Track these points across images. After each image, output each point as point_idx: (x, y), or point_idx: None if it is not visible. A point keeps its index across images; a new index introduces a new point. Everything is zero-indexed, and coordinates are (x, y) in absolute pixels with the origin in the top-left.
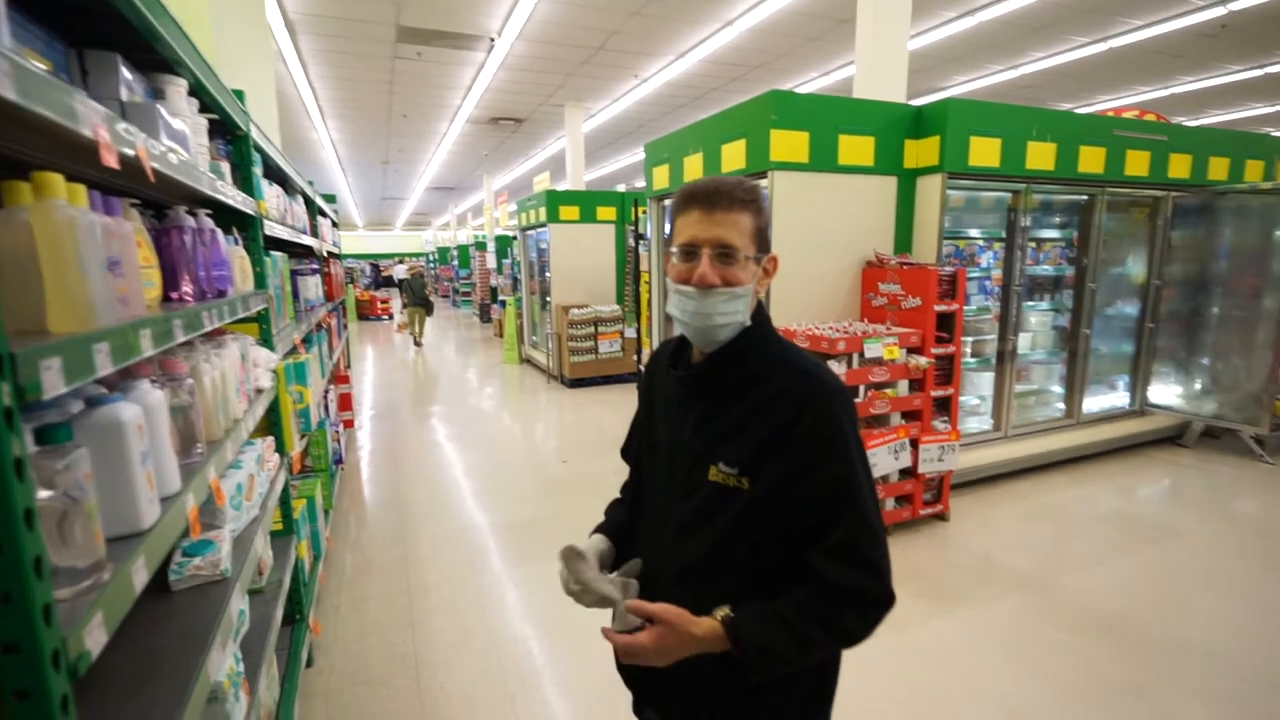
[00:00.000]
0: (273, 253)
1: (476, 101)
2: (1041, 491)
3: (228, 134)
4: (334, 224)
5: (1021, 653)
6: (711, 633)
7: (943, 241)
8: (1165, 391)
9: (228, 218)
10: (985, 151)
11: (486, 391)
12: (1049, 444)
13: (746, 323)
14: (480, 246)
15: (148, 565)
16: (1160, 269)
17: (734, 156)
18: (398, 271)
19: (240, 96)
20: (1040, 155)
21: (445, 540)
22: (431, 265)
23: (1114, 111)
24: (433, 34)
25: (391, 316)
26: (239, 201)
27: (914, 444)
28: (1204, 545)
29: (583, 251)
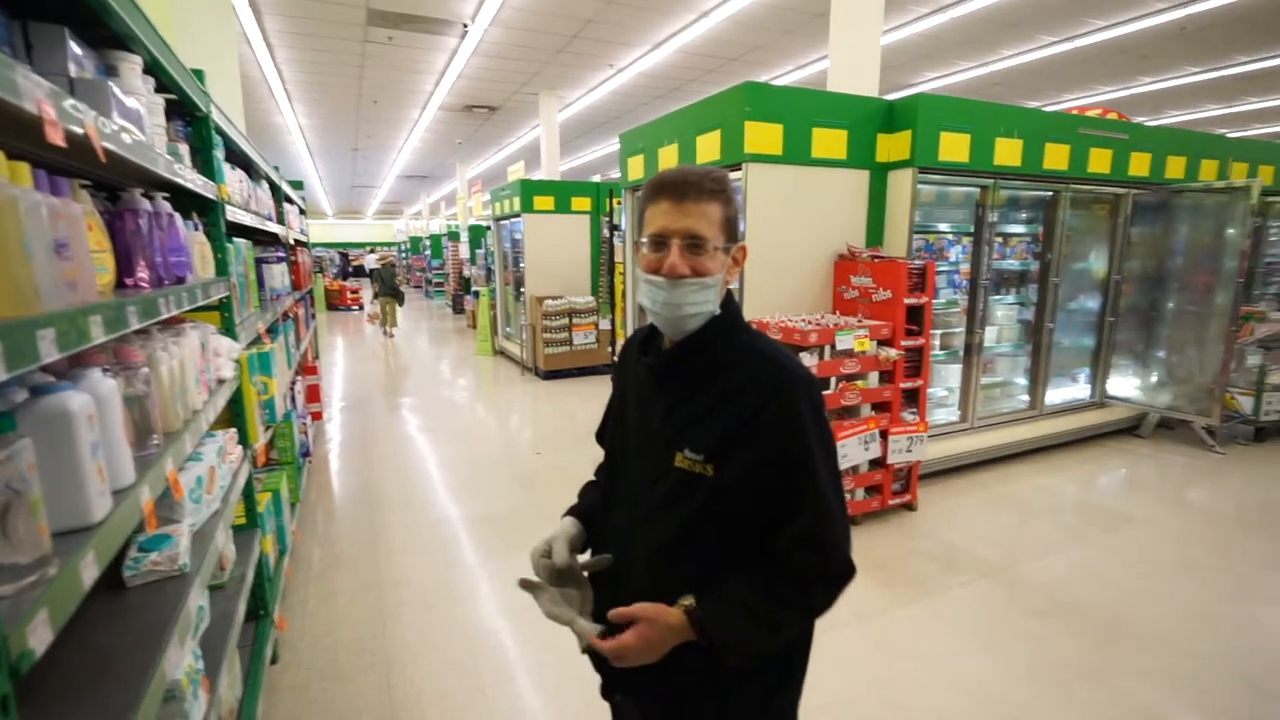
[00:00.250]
0: (236, 239)
1: (449, 88)
2: (1006, 481)
3: (187, 115)
4: (301, 211)
5: (986, 639)
6: (681, 623)
7: (913, 235)
8: (1123, 384)
9: (187, 202)
10: (955, 147)
11: (459, 383)
12: (1013, 435)
13: (716, 312)
14: (453, 236)
15: (98, 560)
16: (1120, 264)
17: (709, 148)
18: (368, 261)
19: (200, 76)
20: (1008, 151)
21: (417, 533)
22: (404, 255)
23: (1079, 110)
24: (404, 18)
25: (362, 307)
26: (199, 185)
27: (883, 435)
28: (1159, 533)
29: (557, 242)
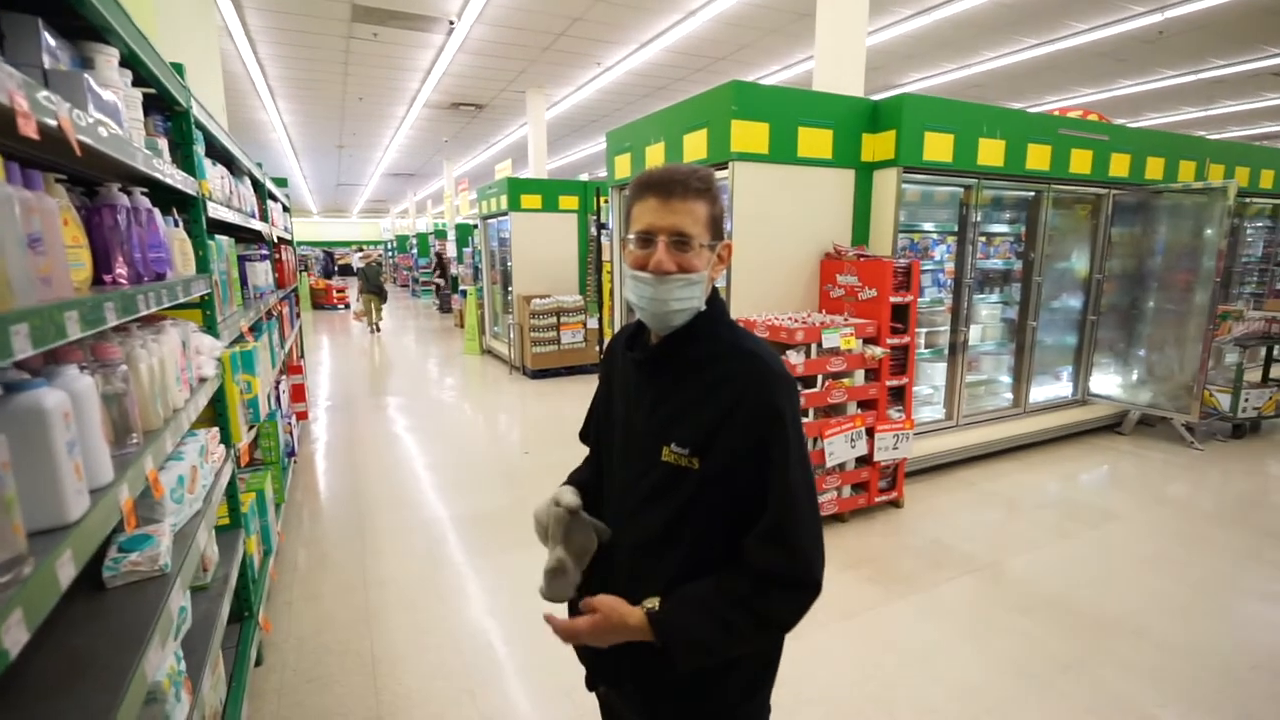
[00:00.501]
0: (218, 236)
1: (435, 85)
2: (991, 478)
3: (166, 109)
4: (285, 209)
5: (971, 634)
6: (641, 624)
7: (898, 234)
8: (1105, 381)
9: (167, 198)
10: (939, 146)
11: (447, 382)
12: (998, 432)
13: (702, 308)
14: (440, 235)
15: (75, 560)
16: (1101, 264)
17: (695, 146)
18: (354, 260)
19: (179, 70)
20: (991, 151)
21: (403, 533)
22: (390, 254)
23: (1060, 111)
24: (389, 14)
25: (348, 305)
26: (179, 181)
27: (870, 433)
28: (1139, 528)
29: (545, 241)
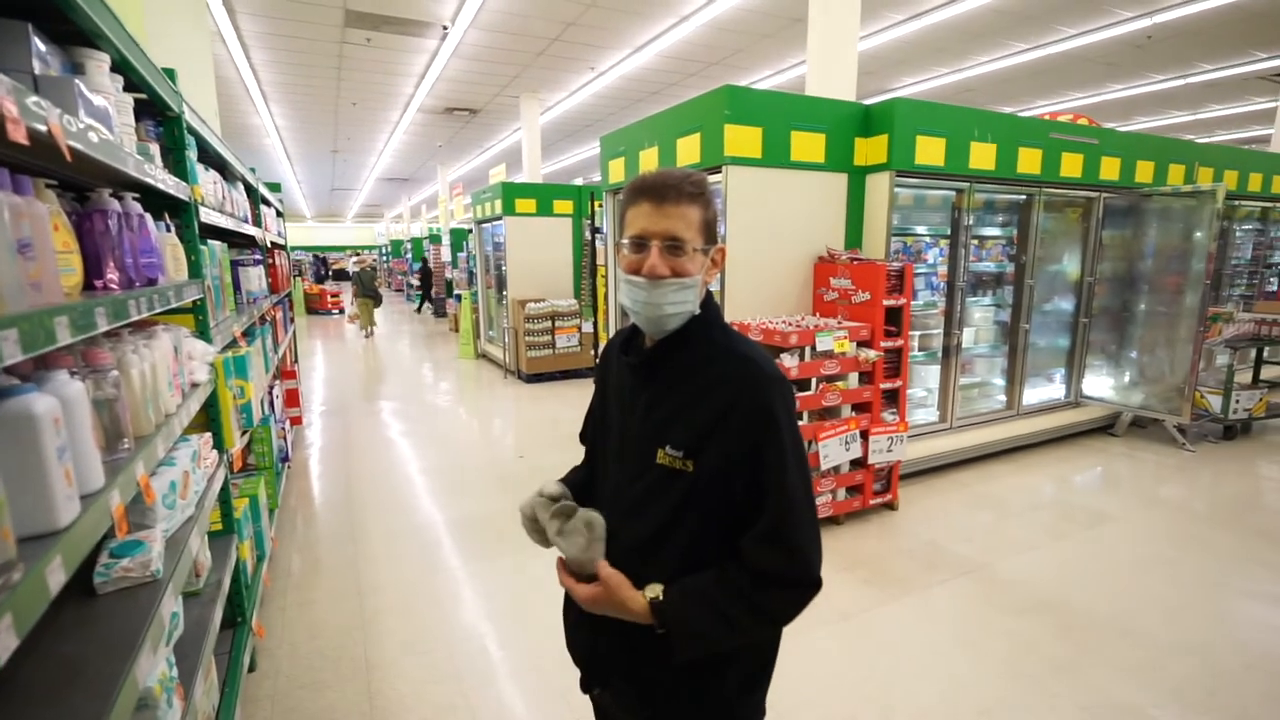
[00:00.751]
0: (210, 242)
1: (429, 90)
2: (985, 480)
3: (158, 115)
4: (279, 214)
5: (965, 635)
6: (643, 610)
7: (891, 238)
8: (1098, 384)
9: (159, 203)
10: (931, 150)
11: (441, 387)
12: (991, 435)
13: (696, 311)
14: (435, 239)
15: (65, 565)
16: (1093, 266)
17: (689, 151)
18: (349, 265)
19: (171, 75)
20: (982, 155)
21: (397, 538)
22: (385, 258)
23: (1051, 115)
24: (382, 19)
25: (342, 310)
26: (170, 186)
27: (864, 435)
28: (1132, 529)
29: (539, 245)
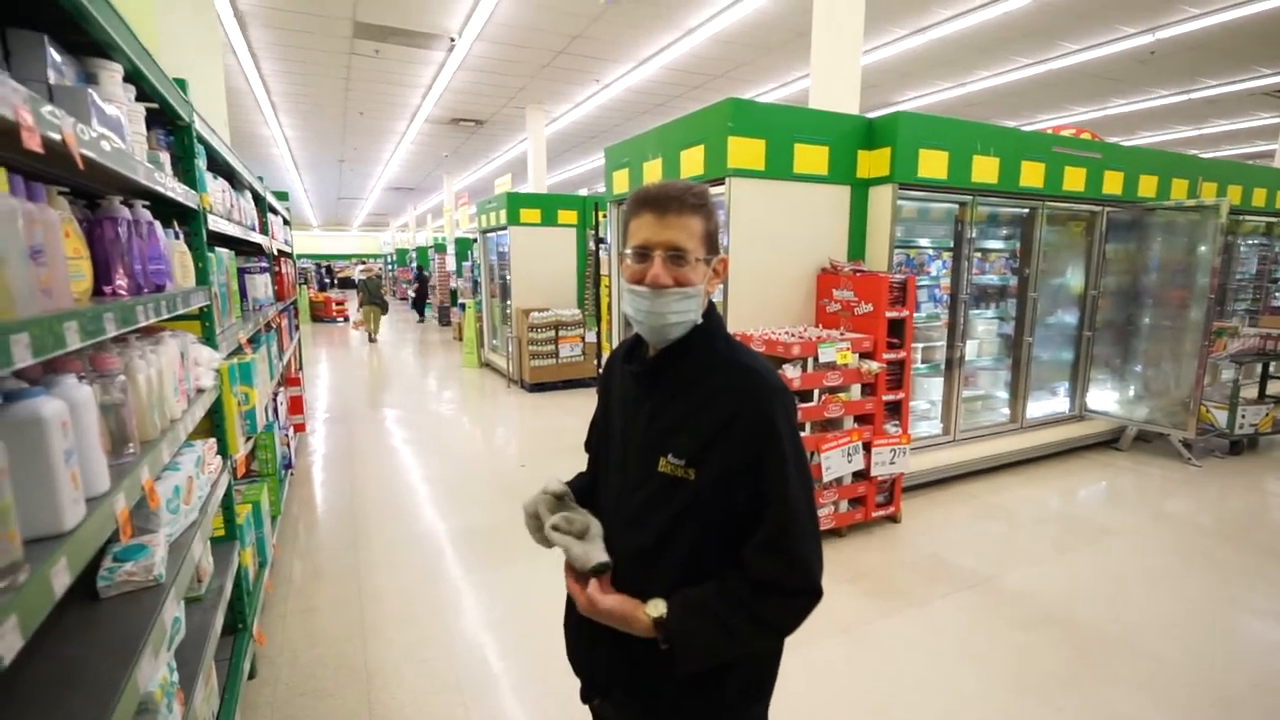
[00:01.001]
0: (218, 249)
1: (436, 101)
2: (988, 493)
3: (169, 124)
4: (286, 222)
5: (968, 649)
6: (647, 628)
7: (894, 250)
8: (1102, 397)
9: (168, 210)
10: (933, 164)
11: (445, 395)
12: (995, 448)
13: (698, 321)
14: (440, 249)
15: (70, 568)
16: (1096, 280)
17: (693, 162)
18: (355, 273)
19: (182, 85)
20: (985, 169)
21: (399, 547)
22: (390, 267)
23: (1053, 129)
24: (391, 31)
25: (347, 318)
26: (180, 194)
27: (867, 447)
28: (1138, 544)
29: (544, 255)
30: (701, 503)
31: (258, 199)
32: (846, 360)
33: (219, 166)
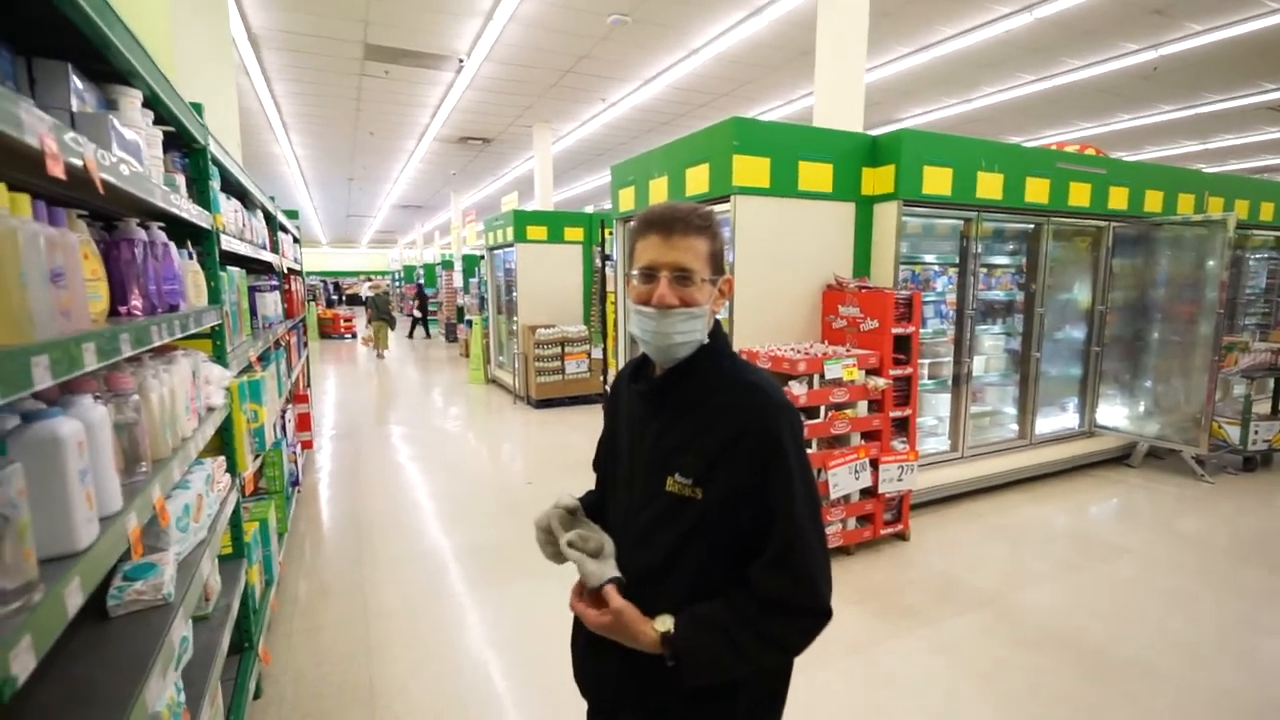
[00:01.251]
0: (230, 268)
1: (444, 120)
2: (998, 511)
3: (185, 146)
4: (296, 240)
5: (978, 670)
6: (653, 642)
7: (899, 266)
8: (1112, 413)
9: (182, 231)
10: (938, 180)
11: (451, 412)
12: (1004, 464)
13: (704, 340)
14: (447, 265)
15: (83, 587)
16: (1104, 295)
17: (698, 180)
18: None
19: (198, 109)
20: (989, 185)
21: (405, 564)
22: (397, 284)
23: (1058, 145)
24: (401, 53)
25: (355, 335)
26: (194, 215)
27: (874, 464)
28: (1151, 562)
29: (550, 272)
30: (709, 522)
31: (269, 218)
32: (852, 376)
33: (232, 187)
